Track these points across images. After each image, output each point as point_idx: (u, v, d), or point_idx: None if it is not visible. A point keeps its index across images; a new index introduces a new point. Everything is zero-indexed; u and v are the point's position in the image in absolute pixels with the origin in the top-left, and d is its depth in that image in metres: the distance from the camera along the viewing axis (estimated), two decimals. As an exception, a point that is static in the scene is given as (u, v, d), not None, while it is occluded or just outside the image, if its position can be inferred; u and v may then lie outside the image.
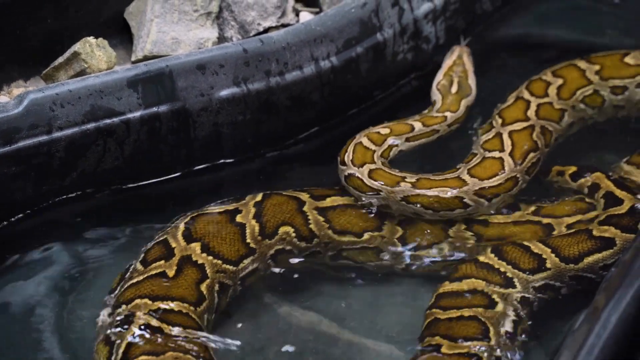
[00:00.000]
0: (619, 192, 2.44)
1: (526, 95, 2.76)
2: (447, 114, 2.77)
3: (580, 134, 2.83)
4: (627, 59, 2.85)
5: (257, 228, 2.39)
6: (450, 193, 2.46)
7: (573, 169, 2.58)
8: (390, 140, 2.65)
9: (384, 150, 2.62)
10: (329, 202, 2.48)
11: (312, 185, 2.73)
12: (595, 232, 2.34)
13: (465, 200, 2.47)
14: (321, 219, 2.44)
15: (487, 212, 2.51)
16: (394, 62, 2.96)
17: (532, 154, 2.58)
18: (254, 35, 2.74)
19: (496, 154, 2.57)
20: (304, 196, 2.48)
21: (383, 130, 2.68)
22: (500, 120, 2.69)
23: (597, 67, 2.84)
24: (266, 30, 2.77)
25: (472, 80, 2.89)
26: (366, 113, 2.96)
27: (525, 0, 3.39)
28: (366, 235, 2.45)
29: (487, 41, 3.23)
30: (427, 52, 3.05)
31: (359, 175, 2.49)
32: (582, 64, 2.86)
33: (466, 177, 2.50)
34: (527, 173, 2.56)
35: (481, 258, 2.35)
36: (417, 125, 2.71)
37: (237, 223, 2.38)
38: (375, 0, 2.83)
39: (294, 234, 2.42)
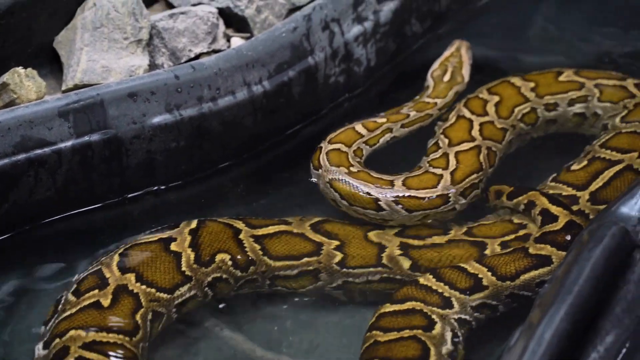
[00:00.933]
0: (554, 209, 2.46)
1: (467, 113, 2.80)
2: (437, 100, 2.88)
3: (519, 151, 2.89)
4: (561, 78, 2.91)
5: (192, 256, 2.37)
6: (367, 191, 2.53)
7: (509, 188, 2.60)
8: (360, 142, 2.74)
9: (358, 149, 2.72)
10: (265, 229, 2.47)
11: (248, 210, 2.74)
12: (531, 250, 2.36)
13: (380, 203, 2.51)
14: (257, 246, 2.43)
15: (406, 223, 2.56)
16: (326, 85, 2.97)
17: (474, 175, 2.61)
18: (186, 62, 2.73)
19: (438, 171, 2.61)
20: (240, 224, 2.47)
21: (380, 119, 2.79)
22: (446, 141, 2.72)
23: (532, 85, 2.89)
24: (197, 57, 2.76)
25: (465, 71, 3.00)
26: (300, 136, 2.96)
27: (455, 21, 3.43)
28: (303, 261, 2.44)
29: (419, 62, 3.26)
30: (358, 75, 3.07)
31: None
32: (516, 81, 2.91)
33: (398, 183, 2.55)
34: (462, 195, 2.58)
35: (421, 280, 2.35)
36: (412, 113, 2.82)
37: (172, 251, 2.36)
38: (305, 24, 2.84)
39: (230, 262, 2.40)
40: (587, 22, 3.35)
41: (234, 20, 2.86)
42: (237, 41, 2.81)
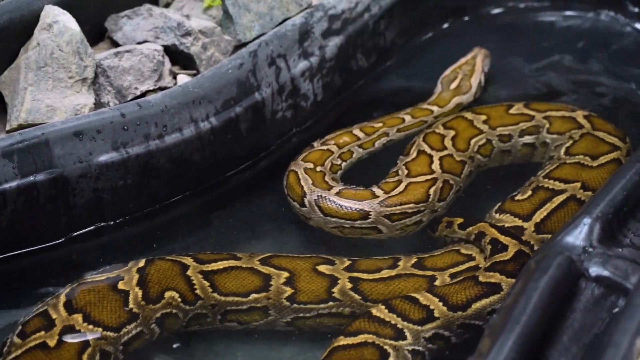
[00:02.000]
0: (503, 239, 2.48)
1: (427, 148, 2.82)
2: (434, 107, 2.98)
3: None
4: (512, 110, 2.97)
5: (140, 294, 2.35)
6: (302, 185, 2.70)
7: (460, 220, 2.62)
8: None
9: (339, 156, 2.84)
10: (214, 265, 2.46)
11: (197, 245, 2.73)
12: (481, 279, 2.37)
13: (305, 199, 2.67)
14: (206, 283, 2.42)
15: (322, 227, 2.69)
16: (274, 120, 2.98)
17: (411, 205, 2.64)
18: (132, 100, 2.72)
19: (378, 191, 2.67)
20: (188, 260, 2.46)
21: (376, 124, 2.93)
22: (406, 172, 2.75)
23: (484, 117, 2.94)
24: (144, 94, 2.76)
25: (474, 80, 3.09)
26: (249, 171, 2.97)
27: (401, 55, 3.47)
28: (252, 296, 2.44)
29: (365, 96, 3.28)
30: (306, 109, 3.09)
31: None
32: (469, 115, 2.95)
33: (335, 189, 2.68)
34: (387, 217, 2.62)
35: (373, 312, 2.35)
36: (407, 118, 2.95)
37: (119, 290, 2.34)
38: (252, 60, 2.85)
39: (179, 299, 2.39)
40: (529, 55, 3.40)
41: (180, 58, 2.86)
42: (183, 78, 2.81)
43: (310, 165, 2.78)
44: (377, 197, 2.65)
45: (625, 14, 3.55)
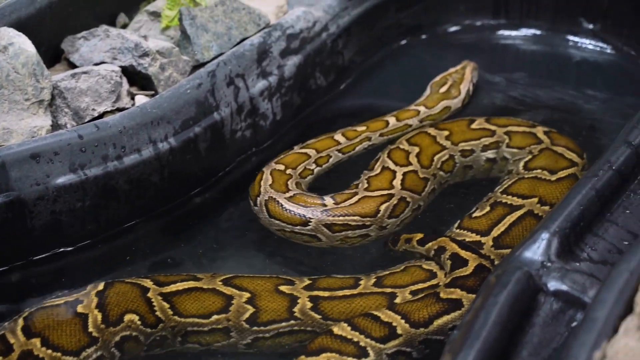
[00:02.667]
0: (463, 253, 2.49)
1: (391, 165, 2.84)
2: (421, 108, 3.04)
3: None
4: (473, 125, 2.99)
5: (99, 317, 2.33)
6: (261, 184, 2.77)
7: (419, 235, 2.63)
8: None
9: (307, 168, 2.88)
10: (174, 286, 2.45)
11: (158, 267, 2.71)
12: (442, 295, 2.37)
13: (259, 198, 2.74)
14: (166, 305, 2.41)
15: (268, 228, 2.75)
16: (233, 140, 2.98)
17: (356, 217, 2.66)
18: (89, 121, 2.70)
19: (328, 200, 2.70)
20: (148, 283, 2.44)
21: (359, 127, 2.99)
22: (366, 185, 2.77)
23: (446, 133, 2.96)
24: (101, 115, 2.74)
25: (464, 87, 3.16)
26: (208, 191, 2.96)
27: (360, 73, 3.49)
28: (214, 318, 2.42)
29: (324, 115, 3.29)
30: (265, 129, 3.09)
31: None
32: (431, 131, 2.97)
33: (289, 194, 2.72)
34: (328, 227, 2.66)
35: (335, 330, 2.34)
36: (392, 121, 3.00)
37: (78, 314, 2.32)
38: (210, 80, 2.85)
39: (139, 322, 2.37)
40: (486, 71, 3.43)
41: (137, 78, 2.85)
42: (141, 99, 2.80)
43: (281, 167, 2.83)
44: (325, 206, 2.68)
45: (580, 31, 3.59)
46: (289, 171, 2.83)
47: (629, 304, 1.84)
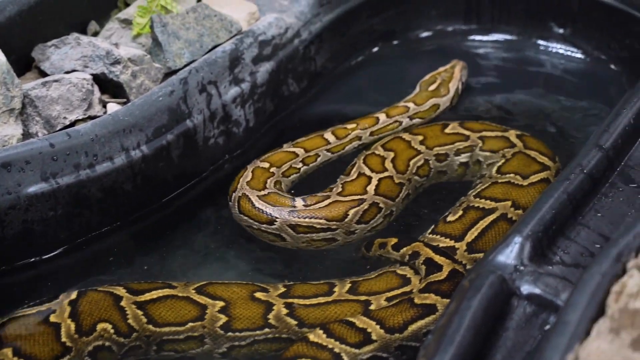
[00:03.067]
0: (437, 258, 2.50)
1: (367, 171, 2.84)
2: (410, 105, 3.06)
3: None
4: (447, 130, 3.00)
5: (72, 326, 2.32)
6: (241, 180, 2.79)
7: (394, 240, 2.63)
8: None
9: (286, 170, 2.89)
10: (148, 295, 2.44)
11: (132, 275, 2.69)
12: (416, 300, 2.38)
13: (234, 194, 2.77)
14: (140, 312, 2.39)
15: (238, 222, 2.78)
16: (206, 147, 2.97)
17: (322, 221, 2.67)
18: (61, 130, 2.69)
19: (299, 202, 2.72)
20: (121, 291, 2.43)
21: (350, 125, 3.00)
22: (340, 189, 2.77)
23: (420, 137, 2.96)
24: (73, 124, 2.73)
25: (452, 85, 3.18)
26: (182, 198, 2.95)
27: (332, 79, 3.49)
28: (189, 325, 2.41)
29: (297, 121, 3.29)
30: (238, 135, 3.08)
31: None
32: (406, 136, 2.98)
33: (264, 192, 2.74)
34: (292, 228, 2.67)
35: (311, 337, 2.34)
36: (382, 117, 3.02)
37: (51, 323, 2.31)
38: (182, 87, 2.84)
39: (112, 330, 2.36)
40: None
41: (109, 86, 2.83)
42: (113, 107, 2.79)
43: (266, 165, 2.85)
44: (294, 207, 2.69)
45: (551, 36, 3.61)
46: (272, 169, 2.85)
47: (601, 307, 1.85)
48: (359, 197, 2.74)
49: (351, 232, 2.72)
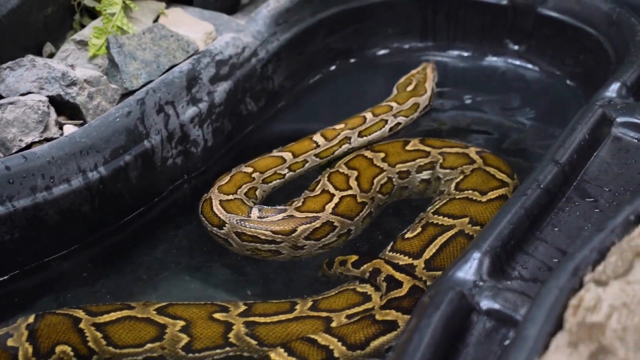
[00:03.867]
0: (398, 275, 2.50)
1: (331, 188, 2.85)
2: (393, 104, 3.12)
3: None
4: (408, 147, 3.02)
5: (30, 350, 2.29)
6: (213, 186, 2.86)
7: (354, 257, 2.64)
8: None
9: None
10: (107, 316, 2.42)
11: (91, 297, 2.67)
12: (378, 317, 2.38)
13: (205, 195, 2.83)
14: (99, 334, 2.38)
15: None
16: (164, 167, 2.96)
17: (264, 232, 2.70)
18: (17, 152, 2.66)
19: (255, 211, 2.76)
20: (80, 313, 2.41)
21: (338, 125, 3.06)
22: (300, 204, 2.79)
23: (382, 155, 2.98)
24: (29, 146, 2.70)
25: (428, 85, 3.27)
26: (141, 219, 2.93)
27: (291, 98, 3.50)
28: (148, 346, 2.40)
29: (256, 140, 3.29)
30: (196, 155, 3.08)
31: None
32: (368, 154, 3.00)
33: (232, 196, 2.80)
34: (237, 235, 2.72)
35: (272, 355, 2.34)
36: (369, 116, 3.09)
37: (8, 347, 2.28)
38: (139, 108, 2.83)
39: (72, 353, 2.34)
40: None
41: (65, 108, 2.82)
42: (70, 128, 2.77)
43: (249, 170, 2.90)
44: (248, 216, 2.74)
45: (506, 52, 3.65)
46: (254, 174, 2.90)
47: (559, 321, 1.86)
48: (313, 214, 2.74)
49: (298, 247, 2.73)
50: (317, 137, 3.02)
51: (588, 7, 3.40)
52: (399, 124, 3.14)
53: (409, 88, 3.27)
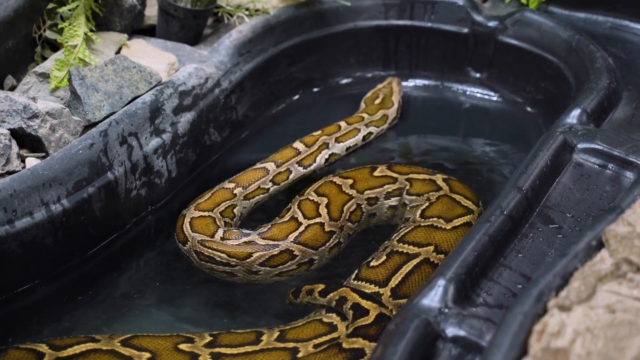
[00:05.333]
0: (364, 303, 2.50)
1: (300, 216, 2.85)
2: (364, 115, 3.31)
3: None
4: (376, 172, 3.03)
5: (-7, 386, 2.28)
6: (197, 199, 2.94)
7: (321, 286, 2.63)
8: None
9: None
10: (70, 350, 2.40)
11: (55, 331, 2.64)
12: (345, 345, 2.38)
13: (183, 212, 2.90)
14: (63, 369, 2.36)
15: None
16: (128, 199, 2.95)
17: (220, 254, 2.74)
18: (-22, 185, 2.65)
19: (221, 232, 2.80)
20: (43, 347, 2.39)
21: (316, 132, 3.23)
22: (264, 230, 2.81)
23: (350, 181, 2.99)
24: (-9, 179, 2.69)
25: (395, 98, 3.44)
26: (105, 251, 2.91)
27: (255, 127, 3.50)
28: (113, 379, 2.39)
29: (221, 170, 3.28)
30: (160, 186, 3.07)
31: None
32: (337, 180, 3.00)
33: (206, 212, 2.87)
34: (196, 254, 2.79)
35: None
36: (343, 125, 3.29)
37: (-30, 384, 2.26)
38: (102, 140, 2.82)
39: (35, 388, 2.32)
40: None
41: (27, 140, 2.80)
42: (32, 161, 2.75)
43: (231, 186, 2.98)
44: (212, 235, 2.79)
45: (469, 80, 3.69)
46: (236, 190, 2.97)
47: (524, 347, 1.87)
48: (273, 242, 2.75)
49: (253, 272, 2.74)
50: (297, 144, 3.15)
51: (548, 35, 3.44)
52: (370, 133, 3.33)
53: (377, 101, 3.42)
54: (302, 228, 2.80)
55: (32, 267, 2.72)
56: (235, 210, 2.94)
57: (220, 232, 2.79)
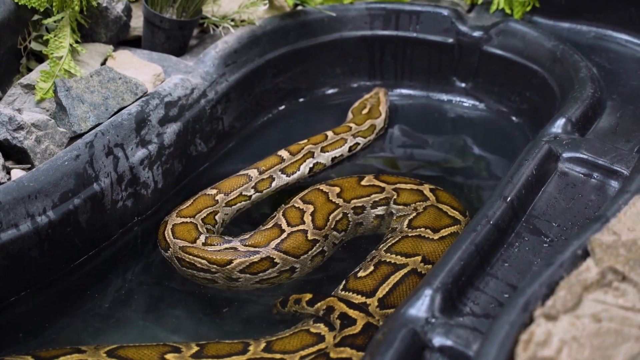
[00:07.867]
0: (352, 312, 2.50)
1: (283, 224, 2.85)
2: (352, 125, 3.32)
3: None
4: (363, 182, 3.04)
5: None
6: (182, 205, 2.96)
7: (309, 296, 2.63)
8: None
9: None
10: (55, 362, 2.40)
11: (41, 342, 2.63)
12: (332, 355, 2.38)
13: (165, 219, 2.91)
14: (48, 381, 2.35)
15: None
16: (114, 210, 2.94)
17: (200, 261, 2.74)
18: (-37, 197, 2.64)
19: (202, 238, 2.81)
20: (29, 359, 2.38)
21: (302, 142, 3.25)
22: (246, 237, 2.81)
23: (337, 190, 2.99)
24: (-24, 191, 2.68)
25: (382, 108, 3.46)
26: (91, 262, 2.90)
27: (241, 138, 3.50)
28: (99, 391, 2.38)
29: (207, 180, 3.28)
30: (147, 197, 3.06)
31: None
32: (324, 187, 3.00)
33: (188, 219, 2.89)
34: (177, 260, 2.80)
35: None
36: (330, 134, 3.30)
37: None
38: (88, 151, 2.81)
39: (20, 400, 2.31)
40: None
41: (13, 152, 2.79)
42: (17, 173, 2.75)
43: (213, 192, 3.01)
44: (194, 241, 2.80)
45: (454, 90, 3.70)
46: (218, 197, 2.99)
47: (511, 356, 1.88)
48: (254, 249, 2.75)
49: (233, 279, 2.74)
50: (282, 152, 3.16)
51: (532, 45, 3.46)
52: (357, 144, 3.33)
53: (364, 111, 3.44)
54: (284, 235, 2.80)
55: (18, 279, 2.71)
56: (217, 217, 2.94)
57: (202, 239, 2.80)
